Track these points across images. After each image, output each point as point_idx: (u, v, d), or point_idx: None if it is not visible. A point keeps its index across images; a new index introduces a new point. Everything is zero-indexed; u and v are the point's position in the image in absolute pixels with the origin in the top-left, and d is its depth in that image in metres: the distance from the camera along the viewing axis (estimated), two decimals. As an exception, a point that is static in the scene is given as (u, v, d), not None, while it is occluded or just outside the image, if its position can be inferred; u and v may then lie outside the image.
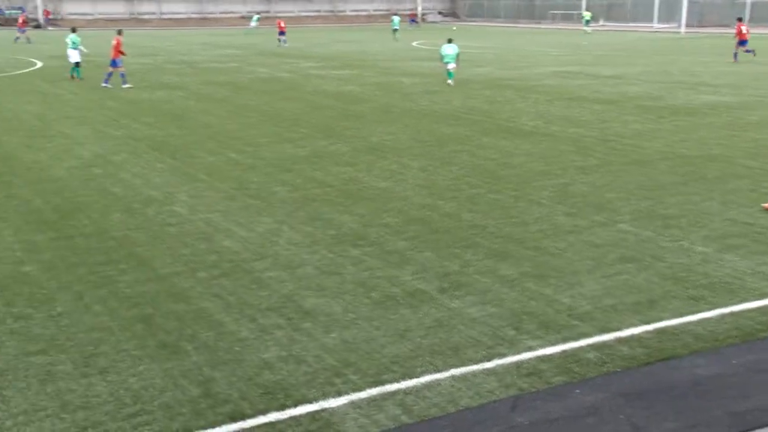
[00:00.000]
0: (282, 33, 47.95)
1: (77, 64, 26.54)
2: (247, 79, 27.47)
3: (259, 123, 17.82)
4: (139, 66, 32.39)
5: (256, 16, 66.19)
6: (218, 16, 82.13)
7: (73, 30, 26.97)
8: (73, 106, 20.42)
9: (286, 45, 46.34)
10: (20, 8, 70.17)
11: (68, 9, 75.10)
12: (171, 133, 16.53)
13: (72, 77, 26.60)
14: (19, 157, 13.92)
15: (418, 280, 7.83)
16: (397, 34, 55.98)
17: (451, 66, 25.24)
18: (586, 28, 62.61)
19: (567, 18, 76.10)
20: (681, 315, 6.94)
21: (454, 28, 69.31)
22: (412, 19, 76.34)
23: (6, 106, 20.35)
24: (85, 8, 75.85)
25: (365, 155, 14.13)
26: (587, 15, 64.46)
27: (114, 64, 24.56)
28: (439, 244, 8.98)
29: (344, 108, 20.30)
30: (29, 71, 29.81)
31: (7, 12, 71.22)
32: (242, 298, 7.38)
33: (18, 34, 47.99)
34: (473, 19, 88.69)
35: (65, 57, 27.37)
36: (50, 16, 55.11)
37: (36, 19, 69.87)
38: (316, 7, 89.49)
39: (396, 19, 58.41)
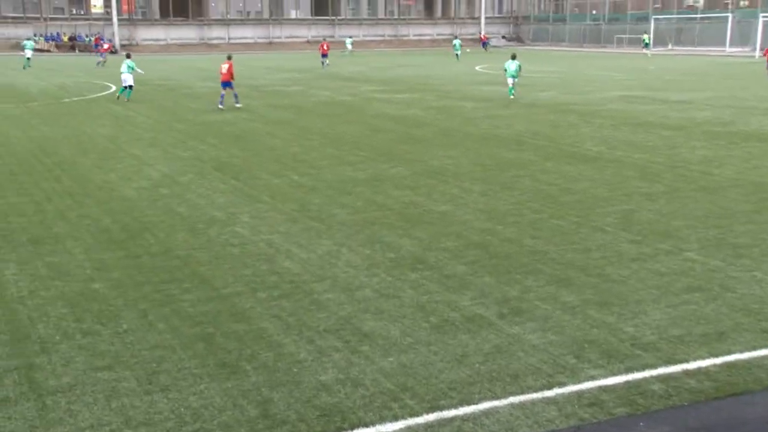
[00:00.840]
0: (324, 55, 49.03)
1: (130, 87, 28.47)
2: (309, 103, 27.90)
3: (320, 145, 18.05)
4: (207, 89, 33.28)
5: (349, 39, 68.62)
6: (284, 40, 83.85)
7: (128, 56, 29.26)
8: (144, 128, 21.08)
9: (327, 66, 47.66)
10: (97, 34, 73.22)
11: (142, 35, 77.93)
12: (235, 154, 16.88)
13: (117, 98, 28.61)
14: (91, 178, 14.42)
15: (478, 305, 7.76)
16: (459, 57, 57.20)
17: (511, 81, 27.99)
18: (646, 51, 61.80)
19: (634, 42, 74.90)
20: (753, 348, 6.67)
21: (468, 50, 70.26)
22: (484, 42, 77.09)
23: (81, 129, 21.14)
24: (158, 34, 78.57)
25: (426, 179, 14.14)
26: (646, 37, 63.68)
27: (228, 85, 26.13)
28: (499, 269, 8.89)
29: (405, 131, 20.40)
30: (104, 95, 30.96)
31: (86, 38, 74.36)
32: (301, 319, 7.43)
33: (100, 59, 51.28)
34: (537, 43, 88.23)
35: (136, 80, 28.56)
36: (98, 43, 58.22)
37: (113, 46, 72.60)
38: (380, 32, 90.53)
39: (457, 42, 60.44)
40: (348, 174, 14.67)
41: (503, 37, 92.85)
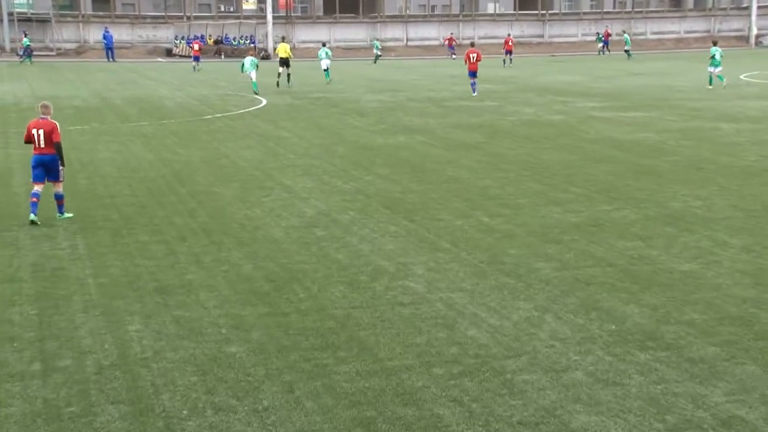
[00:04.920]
0: (509, 52, 60.53)
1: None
2: (506, 122, 28.05)
3: (519, 178, 18.05)
4: (378, 104, 34.43)
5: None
6: (477, 42, 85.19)
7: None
8: (297, 153, 22.12)
9: (509, 66, 59.10)
10: (200, 36, 78.44)
11: (301, 36, 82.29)
12: (409, 188, 17.25)
13: (255, 93, 37.80)
14: (231, 213, 15.29)
15: (736, 403, 7.39)
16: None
17: (717, 70, 36.47)
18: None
19: None
20: None
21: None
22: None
23: (222, 152, 22.54)
24: (320, 35, 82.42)
25: (662, 226, 13.75)
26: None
27: (475, 75, 36.45)
28: (768, 354, 8.42)
29: (635, 162, 19.96)
30: (252, 110, 32.90)
31: (234, 41, 79.74)
32: (488, 406, 7.40)
33: (194, 63, 57.49)
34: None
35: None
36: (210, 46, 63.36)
37: (265, 50, 77.33)
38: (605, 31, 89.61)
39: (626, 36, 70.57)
40: (555, 216, 14.53)
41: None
